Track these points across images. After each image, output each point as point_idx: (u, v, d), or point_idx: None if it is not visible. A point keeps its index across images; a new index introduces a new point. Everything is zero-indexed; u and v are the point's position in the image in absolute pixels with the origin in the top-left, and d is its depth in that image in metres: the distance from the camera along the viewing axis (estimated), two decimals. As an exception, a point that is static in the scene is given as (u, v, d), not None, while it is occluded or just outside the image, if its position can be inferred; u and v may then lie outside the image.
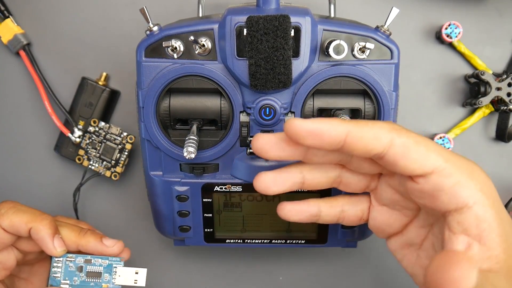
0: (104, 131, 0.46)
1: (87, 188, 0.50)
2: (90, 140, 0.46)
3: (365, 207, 0.35)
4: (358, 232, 0.43)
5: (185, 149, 0.36)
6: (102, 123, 0.47)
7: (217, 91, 0.38)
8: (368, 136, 0.28)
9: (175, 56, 0.37)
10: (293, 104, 0.38)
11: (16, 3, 0.48)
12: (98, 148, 0.46)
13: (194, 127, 0.38)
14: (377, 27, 0.38)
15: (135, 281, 0.40)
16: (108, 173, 0.47)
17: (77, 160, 0.47)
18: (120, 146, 0.46)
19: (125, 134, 0.46)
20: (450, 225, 0.28)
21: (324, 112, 0.39)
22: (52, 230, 0.38)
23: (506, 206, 0.47)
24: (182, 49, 0.37)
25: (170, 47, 0.37)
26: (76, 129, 0.47)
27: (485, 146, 0.49)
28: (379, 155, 0.29)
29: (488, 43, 0.48)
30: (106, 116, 0.49)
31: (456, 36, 0.46)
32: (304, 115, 0.39)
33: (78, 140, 0.47)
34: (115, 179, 0.47)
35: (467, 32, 0.47)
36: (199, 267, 0.52)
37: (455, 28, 0.46)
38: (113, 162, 0.47)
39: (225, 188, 0.41)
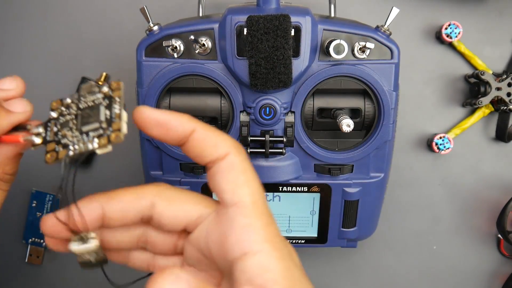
0: (74, 103, 0.29)
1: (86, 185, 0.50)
2: (59, 125, 0.29)
3: (178, 264, 0.31)
4: (358, 232, 0.43)
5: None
6: (68, 100, 0.29)
7: (217, 91, 0.38)
8: (210, 141, 0.27)
9: (175, 55, 0.37)
10: (293, 104, 0.38)
11: (16, 3, 0.48)
12: (73, 125, 0.28)
13: (194, 126, 0.38)
14: (377, 27, 0.38)
15: None
16: (103, 141, 0.27)
17: (47, 158, 0.28)
18: (106, 102, 0.28)
19: (104, 88, 0.28)
20: (235, 276, 0.26)
21: (324, 112, 0.39)
22: None
23: (506, 206, 0.47)
24: (182, 48, 0.37)
25: (170, 47, 0.37)
26: (31, 127, 0.29)
27: (485, 146, 0.49)
28: (209, 164, 0.27)
29: (488, 43, 0.48)
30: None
31: (456, 36, 0.46)
32: (304, 115, 0.39)
33: (40, 140, 0.29)
34: (118, 140, 0.27)
35: (467, 32, 0.47)
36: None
37: (455, 28, 0.46)
38: (103, 123, 0.27)
39: (225, 188, 0.41)
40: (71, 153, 0.28)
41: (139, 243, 0.30)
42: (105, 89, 0.28)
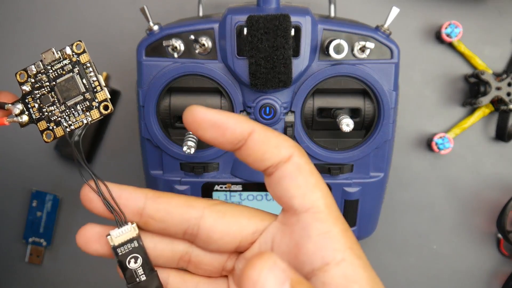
0: (42, 73, 0.28)
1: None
2: (38, 100, 0.28)
3: None
4: (358, 232, 0.43)
5: (184, 144, 0.36)
6: (33, 68, 0.28)
7: (217, 90, 0.38)
8: (271, 142, 0.24)
9: (176, 55, 0.37)
10: (293, 104, 0.38)
11: (16, 3, 0.49)
12: (54, 99, 0.28)
13: (194, 126, 0.38)
14: (377, 26, 0.38)
15: None
16: (95, 114, 0.29)
17: (45, 138, 0.29)
18: (76, 69, 0.28)
19: (67, 50, 0.28)
20: None
21: (324, 112, 0.39)
22: None
23: (506, 206, 0.47)
24: (182, 48, 0.37)
25: (171, 46, 0.37)
26: (8, 106, 0.29)
27: (485, 146, 0.49)
28: (271, 168, 0.25)
29: (488, 43, 0.48)
30: (106, 116, 0.49)
31: (456, 36, 0.46)
32: (304, 115, 0.39)
33: (26, 118, 0.29)
34: (106, 111, 0.29)
35: (467, 32, 0.47)
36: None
37: (455, 28, 0.46)
38: (86, 94, 0.28)
39: (225, 187, 0.41)
40: (68, 130, 0.28)
41: (180, 261, 0.27)
42: (68, 51, 0.28)
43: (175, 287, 0.27)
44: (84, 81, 0.28)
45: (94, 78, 0.28)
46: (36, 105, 0.29)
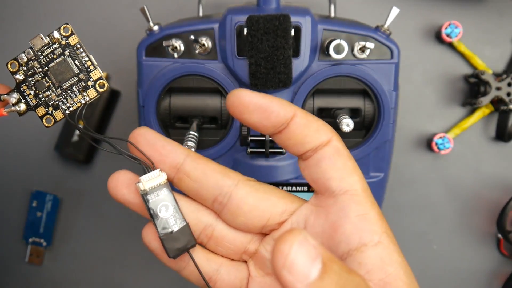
0: (34, 60, 0.29)
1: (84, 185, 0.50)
2: (33, 87, 0.29)
3: (244, 277, 0.27)
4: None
5: (184, 144, 0.36)
6: (23, 57, 0.29)
7: (217, 91, 0.38)
8: (312, 126, 0.24)
9: (176, 55, 0.37)
10: (293, 104, 0.38)
11: (16, 3, 0.49)
12: (50, 83, 0.29)
13: (194, 124, 0.38)
14: (377, 26, 0.38)
15: None
16: (91, 93, 0.28)
17: (45, 123, 0.29)
18: (67, 52, 0.28)
19: (55, 34, 0.28)
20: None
21: (324, 112, 0.39)
22: None
23: (506, 206, 0.47)
24: (182, 48, 0.37)
25: (171, 47, 0.37)
26: (4, 96, 0.28)
27: (485, 146, 0.49)
28: (309, 152, 0.25)
29: (488, 43, 0.48)
30: (106, 116, 0.49)
31: (456, 36, 0.46)
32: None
33: (23, 106, 0.29)
34: (102, 89, 0.28)
35: (467, 32, 0.47)
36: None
37: (455, 28, 0.46)
38: (80, 75, 0.28)
39: (225, 188, 0.41)
40: (67, 112, 0.28)
41: (202, 235, 0.26)
42: (56, 35, 0.28)
43: (199, 263, 0.27)
44: (76, 62, 0.29)
45: (86, 58, 0.28)
46: (32, 92, 0.29)
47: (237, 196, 0.25)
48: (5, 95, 0.29)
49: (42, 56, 0.29)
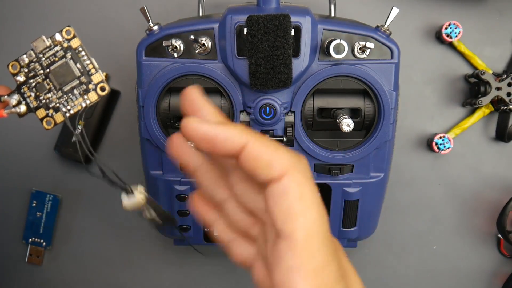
0: (35, 62, 0.29)
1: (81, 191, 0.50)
2: (34, 89, 0.29)
3: (253, 253, 0.28)
4: (358, 232, 0.43)
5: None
6: (25, 58, 0.29)
7: (217, 90, 0.38)
8: (263, 159, 0.24)
9: (175, 55, 0.37)
10: (293, 104, 0.38)
11: (16, 3, 0.48)
12: (51, 86, 0.29)
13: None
14: (377, 26, 0.38)
15: None
16: (93, 96, 0.29)
17: (45, 125, 0.30)
18: (69, 54, 0.29)
19: (57, 36, 0.29)
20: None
21: (324, 112, 0.39)
22: None
23: (506, 206, 0.47)
24: (182, 48, 0.37)
25: (170, 47, 0.37)
26: (4, 98, 0.29)
27: (485, 146, 0.49)
28: (263, 184, 0.24)
29: (488, 43, 0.48)
30: (106, 116, 0.49)
31: (456, 36, 0.46)
32: (304, 115, 0.39)
33: (24, 108, 0.29)
34: (103, 92, 0.29)
35: (467, 32, 0.47)
36: (199, 266, 0.52)
37: (455, 28, 0.46)
38: (81, 78, 0.29)
39: (225, 188, 0.41)
40: (67, 114, 0.29)
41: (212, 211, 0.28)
42: (58, 37, 0.28)
43: (219, 230, 0.29)
44: (78, 65, 0.29)
45: (88, 62, 0.29)
46: (33, 94, 0.29)
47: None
48: (6, 97, 0.28)
49: (43, 58, 0.29)
